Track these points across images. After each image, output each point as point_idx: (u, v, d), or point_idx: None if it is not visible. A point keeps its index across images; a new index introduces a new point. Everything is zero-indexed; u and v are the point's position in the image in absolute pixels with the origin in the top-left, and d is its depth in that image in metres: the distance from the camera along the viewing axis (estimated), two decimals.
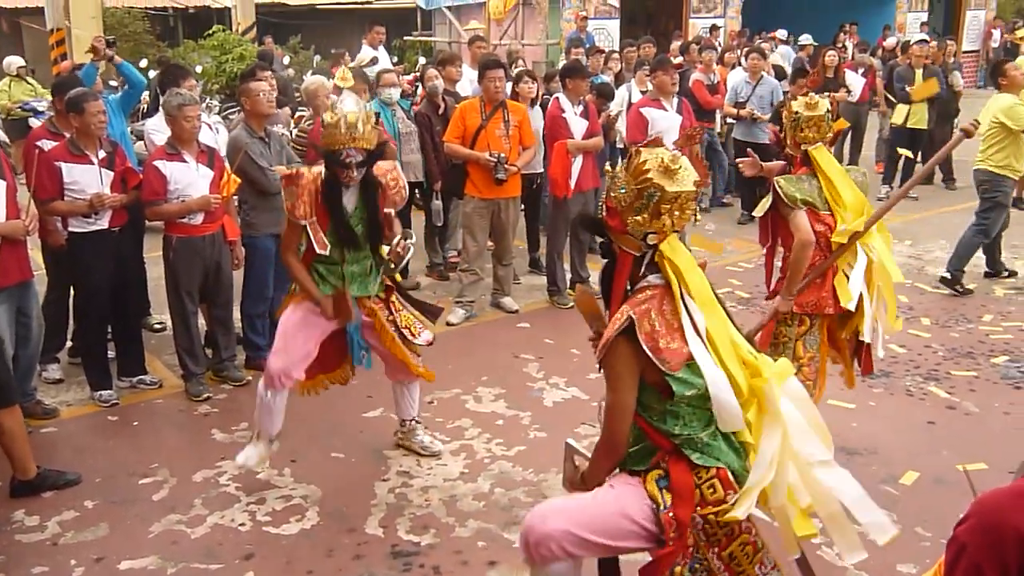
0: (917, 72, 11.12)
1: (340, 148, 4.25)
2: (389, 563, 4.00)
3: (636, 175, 2.56)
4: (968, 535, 1.51)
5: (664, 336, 2.55)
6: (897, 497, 4.50)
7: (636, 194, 2.54)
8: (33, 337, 5.30)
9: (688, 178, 2.57)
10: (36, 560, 4.06)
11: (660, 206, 2.54)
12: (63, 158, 5.32)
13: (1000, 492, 1.52)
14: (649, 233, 2.58)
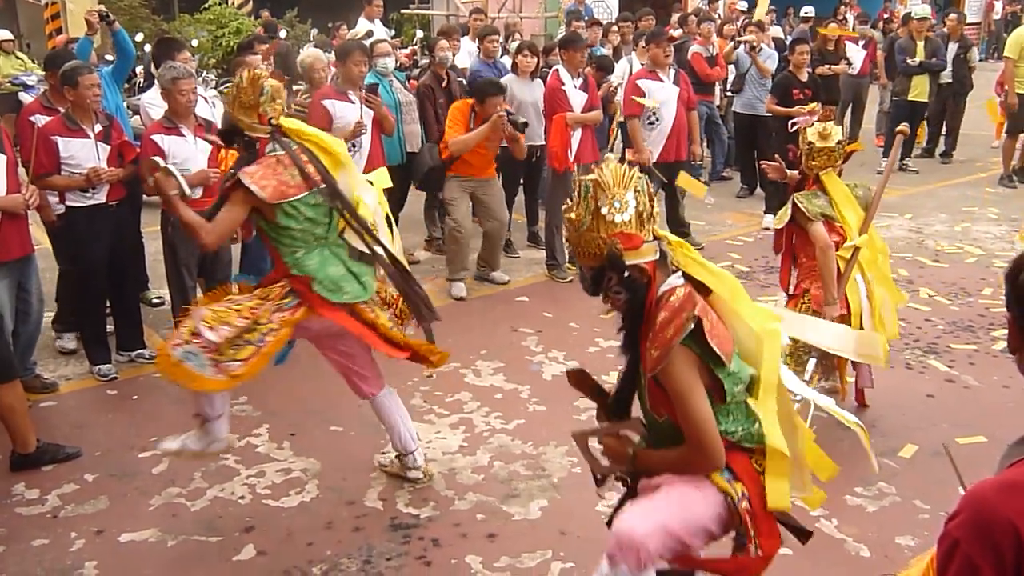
0: (918, 44, 11.06)
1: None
2: (388, 535, 4.01)
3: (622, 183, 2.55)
4: (960, 530, 1.49)
5: (718, 330, 2.58)
6: (896, 470, 4.51)
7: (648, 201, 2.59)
8: (33, 312, 5.31)
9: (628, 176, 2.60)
10: (36, 533, 4.07)
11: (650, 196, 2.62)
12: (59, 132, 5.29)
13: (989, 484, 1.51)
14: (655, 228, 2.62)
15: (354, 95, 6.23)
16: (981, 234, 8.72)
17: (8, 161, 4.95)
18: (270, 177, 3.74)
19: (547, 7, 17.82)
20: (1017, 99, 10.49)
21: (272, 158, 3.81)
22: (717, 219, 9.36)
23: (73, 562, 3.86)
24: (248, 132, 3.83)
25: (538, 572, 3.73)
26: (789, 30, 15.35)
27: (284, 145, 3.84)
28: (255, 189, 3.69)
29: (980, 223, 9.14)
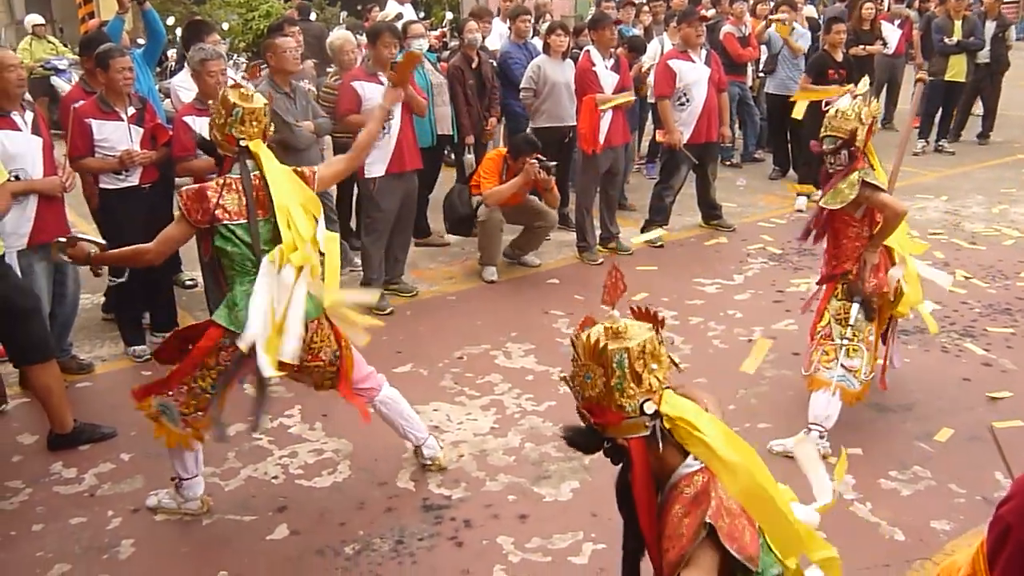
0: (956, 23, 10.86)
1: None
2: (420, 516, 4.03)
3: (591, 355, 2.16)
4: (1013, 515, 1.45)
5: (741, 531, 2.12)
6: (931, 454, 4.46)
7: (605, 371, 2.14)
8: (69, 294, 5.38)
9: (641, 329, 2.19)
10: (74, 511, 4.13)
11: (634, 367, 2.13)
12: (93, 115, 5.34)
13: None
14: (645, 402, 2.15)
15: (384, 77, 6.21)
16: (1019, 216, 8.58)
17: (44, 144, 5.01)
18: (205, 200, 3.67)
19: None
20: None
21: (221, 180, 3.76)
22: (749, 201, 9.28)
23: (110, 540, 3.91)
24: (219, 148, 3.82)
25: (569, 553, 3.73)
26: (823, 9, 15.14)
27: (243, 169, 3.77)
28: (182, 210, 3.68)
29: (1018, 205, 8.98)
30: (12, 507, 4.19)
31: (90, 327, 6.20)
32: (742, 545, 2.08)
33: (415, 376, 5.40)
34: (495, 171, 7.01)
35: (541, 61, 7.72)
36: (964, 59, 10.94)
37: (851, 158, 4.47)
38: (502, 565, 3.69)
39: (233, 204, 3.71)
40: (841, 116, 4.46)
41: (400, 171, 6.33)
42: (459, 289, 6.96)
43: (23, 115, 4.94)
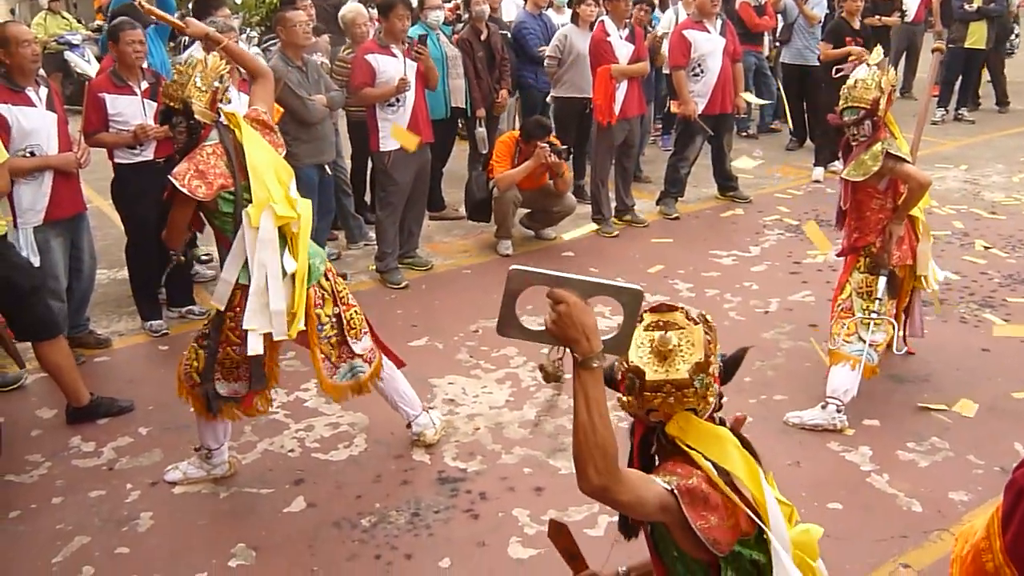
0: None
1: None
2: (436, 489, 4.04)
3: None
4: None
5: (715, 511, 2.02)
6: (949, 425, 4.43)
7: (622, 377, 2.11)
8: (85, 269, 5.40)
9: (684, 361, 2.04)
10: (93, 484, 4.16)
11: (643, 391, 2.06)
12: (106, 89, 5.33)
13: None
14: (650, 412, 2.09)
15: (397, 49, 6.17)
16: None
17: (59, 120, 5.01)
18: (202, 174, 3.68)
19: None
20: None
21: (207, 148, 3.76)
22: (766, 172, 9.19)
23: (129, 512, 3.94)
24: (198, 115, 3.75)
25: (585, 525, 3.73)
26: None
27: (222, 135, 3.77)
28: (187, 193, 3.67)
29: None
30: (32, 480, 4.22)
31: (107, 302, 6.23)
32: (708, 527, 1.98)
33: (431, 349, 5.39)
34: (507, 155, 6.99)
35: (568, 30, 7.64)
36: (984, 25, 10.76)
37: (874, 128, 4.39)
38: (518, 537, 3.69)
39: (223, 169, 3.73)
40: (861, 86, 4.39)
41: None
42: (474, 262, 6.94)
43: (38, 91, 4.94)
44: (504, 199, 6.96)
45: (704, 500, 2.00)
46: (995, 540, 1.48)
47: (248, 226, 3.72)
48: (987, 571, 1.49)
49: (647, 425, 2.15)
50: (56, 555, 3.68)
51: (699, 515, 1.99)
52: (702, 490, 2.01)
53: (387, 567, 3.55)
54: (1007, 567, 1.46)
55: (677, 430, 2.08)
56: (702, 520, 1.99)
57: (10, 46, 4.81)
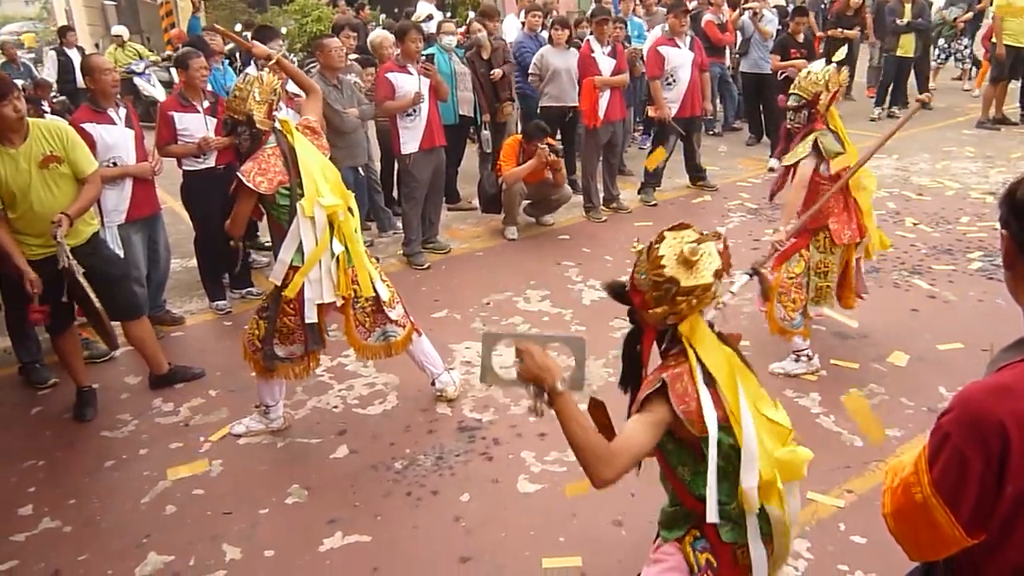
0: (906, 6, 10.47)
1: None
2: (456, 436, 4.04)
3: (652, 267, 2.07)
4: (952, 425, 1.43)
5: (696, 399, 2.05)
6: (885, 373, 4.41)
7: (653, 284, 2.07)
8: (161, 260, 5.40)
9: (708, 268, 2.07)
10: (173, 438, 4.18)
11: (675, 297, 2.05)
12: (175, 108, 5.31)
13: (981, 385, 1.44)
14: (669, 316, 2.09)
15: (412, 68, 6.12)
16: (959, 170, 8.37)
17: (136, 135, 5.00)
18: (264, 172, 3.68)
19: None
20: (1004, 50, 9.99)
21: (267, 150, 3.75)
22: (730, 164, 9.11)
23: (205, 460, 3.96)
24: (258, 124, 3.75)
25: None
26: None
27: (279, 139, 3.78)
28: (252, 187, 3.66)
29: (958, 161, 8.76)
30: (123, 435, 4.24)
31: (180, 287, 6.22)
32: (689, 409, 2.02)
33: (450, 320, 5.38)
34: (512, 155, 6.95)
35: (545, 51, 7.58)
36: (913, 37, 10.62)
37: (810, 118, 4.22)
38: (525, 475, 3.69)
39: (281, 168, 3.72)
40: (810, 79, 4.22)
41: (430, 147, 6.26)
42: (485, 246, 6.91)
43: (117, 111, 4.92)
44: (512, 192, 6.93)
45: (685, 389, 2.04)
46: (923, 475, 1.47)
47: (301, 215, 3.72)
48: (916, 501, 1.48)
49: (659, 329, 2.16)
50: (144, 497, 3.71)
51: (681, 400, 2.03)
52: (684, 379, 2.05)
53: (417, 501, 3.56)
54: (933, 498, 1.45)
55: (688, 330, 2.10)
56: (683, 404, 2.03)
57: (94, 74, 4.79)
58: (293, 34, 15.17)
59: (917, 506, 1.48)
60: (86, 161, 4.21)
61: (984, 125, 10.31)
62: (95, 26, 21.98)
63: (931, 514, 1.45)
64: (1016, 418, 1.37)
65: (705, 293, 2.07)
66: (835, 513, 3.35)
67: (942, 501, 1.44)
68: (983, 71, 12.27)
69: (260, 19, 16.31)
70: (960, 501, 1.42)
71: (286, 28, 14.37)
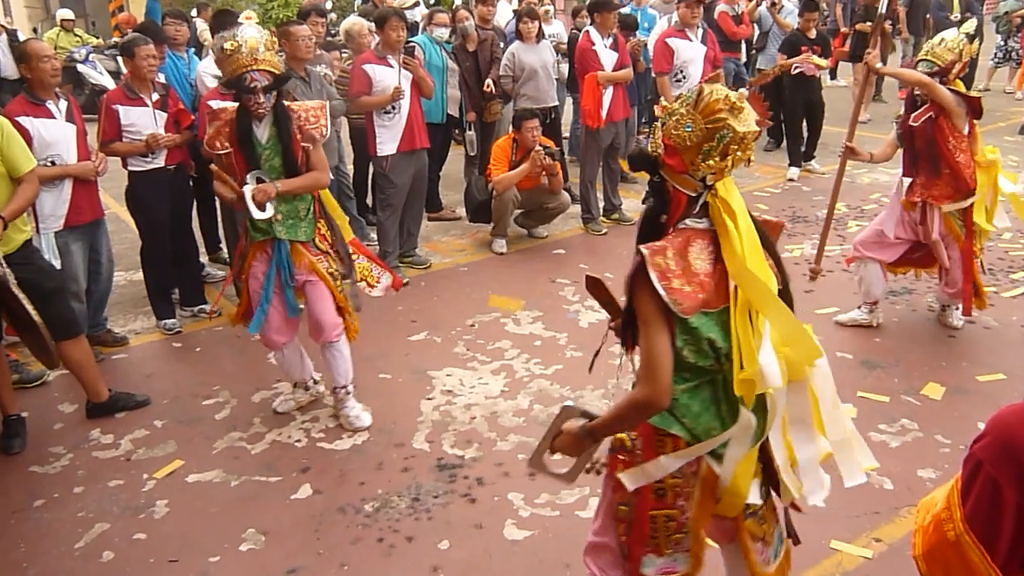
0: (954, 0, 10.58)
1: (243, 72, 4.00)
2: (435, 475, 4.02)
3: (707, 113, 2.17)
4: (984, 451, 1.45)
5: (679, 277, 2.15)
6: (918, 407, 4.42)
7: (706, 134, 2.17)
8: (103, 272, 5.38)
9: (751, 117, 2.21)
10: (112, 474, 4.13)
11: (729, 147, 2.18)
12: (120, 101, 5.31)
13: (1015, 409, 1.46)
14: (709, 174, 2.21)
15: (393, 60, 6.14)
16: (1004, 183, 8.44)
17: (78, 131, 4.99)
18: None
19: None
20: None
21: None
22: (746, 172, 9.15)
23: (146, 501, 3.92)
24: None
25: (576, 508, 3.71)
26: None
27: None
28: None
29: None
30: (55, 471, 4.20)
31: (123, 302, 6.19)
32: (670, 286, 2.13)
33: (429, 343, 5.37)
34: (504, 157, 6.97)
35: (515, 48, 7.60)
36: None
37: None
38: (513, 520, 3.67)
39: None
40: (944, 46, 4.41)
41: (411, 149, 6.27)
42: (471, 260, 6.92)
43: (57, 104, 4.91)
44: (503, 199, 6.94)
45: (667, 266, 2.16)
46: (955, 510, 1.49)
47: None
48: (948, 540, 1.49)
49: (695, 195, 2.25)
50: (78, 541, 3.66)
51: (662, 275, 2.14)
52: (667, 254, 2.17)
53: (389, 549, 3.53)
54: (967, 535, 1.46)
55: (724, 191, 2.23)
56: (665, 281, 2.14)
57: (31, 62, 4.78)
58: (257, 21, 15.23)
59: (950, 545, 1.49)
60: (23, 157, 4.20)
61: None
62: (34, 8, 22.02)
63: (965, 553, 1.46)
64: None
65: (750, 144, 2.21)
66: (861, 564, 3.34)
67: (975, 538, 1.45)
68: (1023, 71, 12.42)
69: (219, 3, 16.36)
70: (995, 538, 1.43)
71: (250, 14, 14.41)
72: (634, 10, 9.68)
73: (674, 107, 2.25)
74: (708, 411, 2.30)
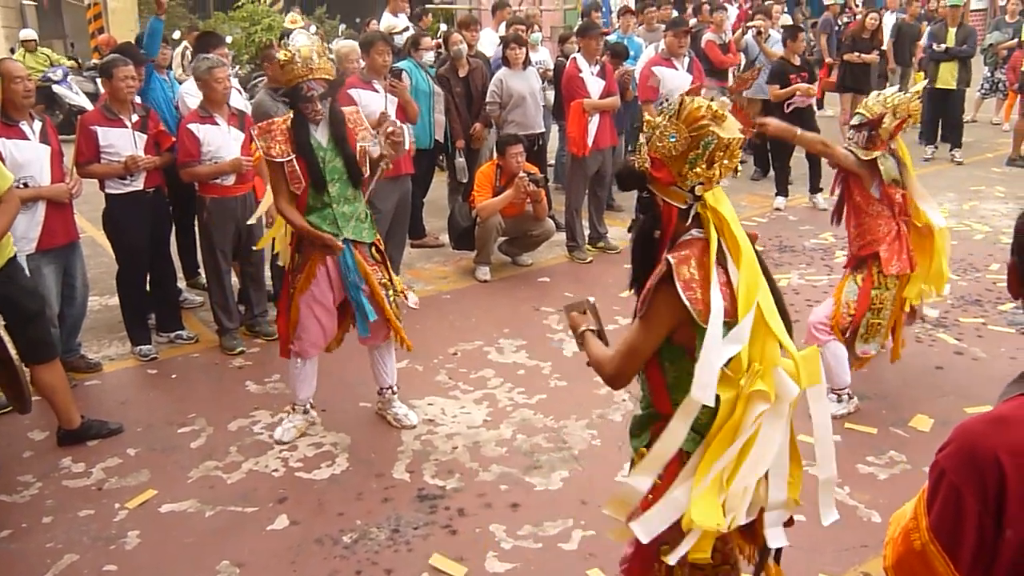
0: (951, 31, 10.65)
1: (300, 82, 4.15)
2: (416, 506, 3.99)
3: (690, 122, 2.22)
4: (947, 460, 1.48)
5: (702, 287, 2.23)
6: (906, 439, 4.44)
7: (690, 142, 2.22)
8: (78, 296, 5.34)
9: (734, 125, 2.27)
10: (83, 504, 4.09)
11: (715, 154, 2.23)
12: (98, 122, 5.31)
13: (978, 418, 1.50)
14: (697, 184, 2.26)
15: (379, 84, 6.18)
16: (988, 212, 8.56)
17: (53, 152, 4.98)
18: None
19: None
20: None
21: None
22: (732, 201, 9.04)
23: (117, 531, 3.87)
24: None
25: (560, 540, 3.69)
26: (802, 19, 15.14)
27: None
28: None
29: (987, 201, 8.98)
30: (24, 500, 4.14)
31: (98, 327, 6.15)
32: (695, 297, 2.21)
33: (411, 372, 5.36)
34: (487, 183, 6.99)
35: (502, 74, 7.67)
36: (955, 67, 10.56)
37: (869, 141, 4.43)
38: (494, 552, 3.65)
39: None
40: (878, 99, 4.44)
41: (395, 175, 6.28)
42: (454, 288, 6.93)
43: (31, 124, 4.91)
44: (487, 226, 6.96)
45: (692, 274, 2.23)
46: (921, 519, 1.51)
47: None
48: (915, 549, 1.51)
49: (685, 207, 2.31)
50: (46, 573, 3.60)
51: (687, 286, 2.22)
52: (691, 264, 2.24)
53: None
54: (932, 543, 1.48)
55: (713, 200, 2.29)
56: (690, 291, 2.21)
57: (4, 82, 4.78)
58: (240, 44, 15.28)
59: (916, 555, 1.51)
60: (1, 176, 4.19)
61: (1016, 163, 10.55)
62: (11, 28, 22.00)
63: (930, 562, 1.48)
64: (1011, 451, 1.41)
65: (736, 151, 2.27)
66: None
67: (940, 547, 1.47)
68: (1010, 102, 12.61)
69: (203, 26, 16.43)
70: (958, 546, 1.45)
71: (232, 37, 14.46)
72: (620, 37, 9.78)
73: (657, 121, 2.30)
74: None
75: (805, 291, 6.52)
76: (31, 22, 21.65)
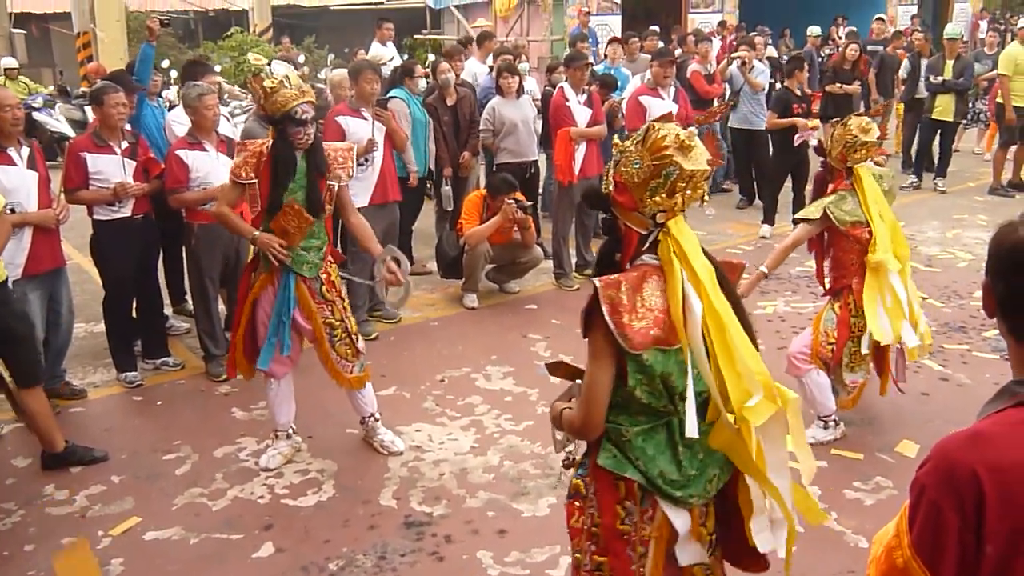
0: (948, 63, 10.76)
1: (293, 105, 4.10)
2: (402, 533, 3.97)
3: (654, 151, 2.22)
4: (927, 477, 1.50)
5: (630, 312, 2.19)
6: (892, 465, 4.45)
7: (652, 171, 2.21)
8: (63, 323, 5.31)
9: (702, 156, 2.25)
10: (66, 531, 4.04)
11: (676, 184, 2.21)
12: (88, 149, 5.31)
13: (956, 435, 1.52)
14: (659, 212, 2.25)
15: (367, 112, 6.22)
16: (971, 240, 8.65)
17: (40, 178, 4.98)
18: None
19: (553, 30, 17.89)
20: (1015, 113, 10.37)
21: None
22: (718, 229, 9.30)
23: (100, 559, 3.83)
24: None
25: (547, 566, 3.68)
26: (786, 51, 15.35)
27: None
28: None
29: (970, 229, 9.07)
30: (5, 528, 4.10)
31: (83, 354, 6.11)
32: (620, 321, 2.18)
33: (398, 399, 5.35)
34: (475, 212, 7.02)
35: (495, 103, 7.73)
36: (952, 99, 10.64)
37: (829, 170, 4.52)
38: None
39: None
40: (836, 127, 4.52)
41: (383, 202, 6.33)
42: (441, 315, 6.93)
43: (19, 151, 4.92)
44: (475, 254, 6.97)
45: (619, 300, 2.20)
46: (903, 537, 1.52)
47: None
48: (898, 567, 1.52)
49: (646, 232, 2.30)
50: None
51: (614, 310, 2.19)
52: (621, 288, 2.21)
53: None
54: (914, 560, 1.49)
55: (676, 230, 2.27)
56: (615, 315, 2.19)
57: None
58: (229, 72, 15.35)
59: (899, 572, 1.52)
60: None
61: (998, 192, 10.67)
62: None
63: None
64: (988, 466, 1.43)
65: (700, 182, 2.26)
66: None
67: (922, 563, 1.48)
68: (991, 132, 12.77)
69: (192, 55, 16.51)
70: (940, 563, 1.46)
71: (220, 66, 14.52)
72: (607, 68, 9.89)
73: (625, 145, 2.31)
74: (663, 455, 2.31)
75: (791, 318, 6.55)
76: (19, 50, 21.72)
